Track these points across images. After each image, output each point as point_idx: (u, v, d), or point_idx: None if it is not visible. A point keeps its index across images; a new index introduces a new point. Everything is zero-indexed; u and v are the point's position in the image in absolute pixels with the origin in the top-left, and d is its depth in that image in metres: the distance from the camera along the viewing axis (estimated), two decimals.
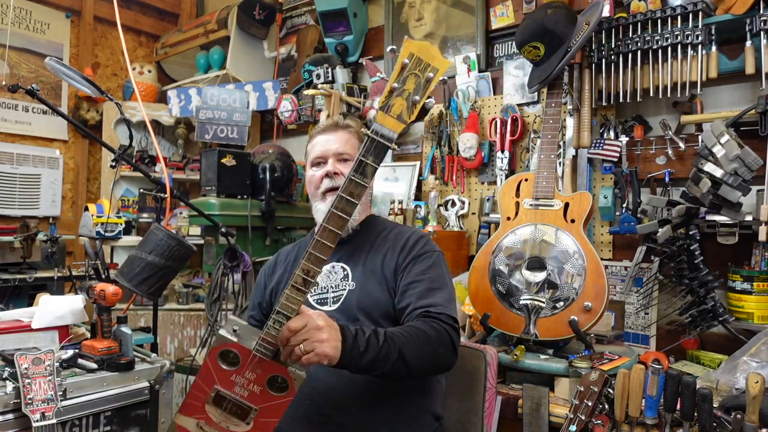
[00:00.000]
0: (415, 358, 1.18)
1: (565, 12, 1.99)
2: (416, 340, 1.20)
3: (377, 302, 1.36)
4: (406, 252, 1.42)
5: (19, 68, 3.48)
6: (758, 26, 1.72)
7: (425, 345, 1.21)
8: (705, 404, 1.27)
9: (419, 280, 1.35)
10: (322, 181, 1.47)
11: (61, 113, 1.85)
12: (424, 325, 1.24)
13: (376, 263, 1.41)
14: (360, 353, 1.11)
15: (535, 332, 1.70)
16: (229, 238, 2.07)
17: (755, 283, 1.72)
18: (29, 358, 1.28)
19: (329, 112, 2.65)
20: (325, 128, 1.55)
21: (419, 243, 1.44)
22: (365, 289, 1.39)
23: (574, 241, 1.76)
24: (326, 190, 1.47)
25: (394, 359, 1.15)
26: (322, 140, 1.52)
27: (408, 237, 1.46)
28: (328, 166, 1.47)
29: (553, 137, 1.94)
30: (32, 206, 3.41)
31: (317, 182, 1.49)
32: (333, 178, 1.46)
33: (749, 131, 1.74)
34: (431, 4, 2.78)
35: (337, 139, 1.50)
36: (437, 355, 1.24)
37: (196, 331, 3.05)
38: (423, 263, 1.39)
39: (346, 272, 1.43)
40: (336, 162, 1.48)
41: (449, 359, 1.28)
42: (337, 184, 1.45)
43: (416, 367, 1.19)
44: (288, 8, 3.48)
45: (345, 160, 1.49)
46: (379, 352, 1.13)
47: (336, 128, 1.53)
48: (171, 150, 3.84)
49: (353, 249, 1.46)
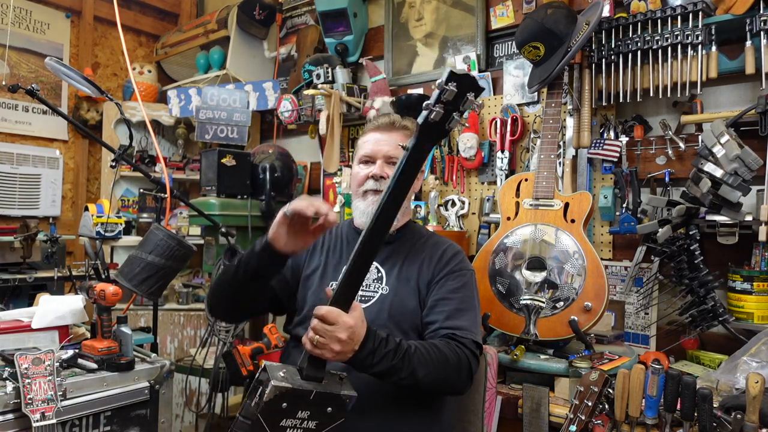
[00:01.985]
0: (427, 379, 1.20)
1: (565, 12, 1.99)
2: (434, 361, 1.21)
3: (409, 313, 1.36)
4: (442, 266, 1.41)
5: (19, 68, 3.47)
6: (758, 26, 1.72)
7: (442, 369, 1.22)
8: (705, 404, 1.27)
9: (450, 298, 1.35)
10: (366, 180, 1.45)
11: (61, 113, 1.85)
12: (447, 348, 1.25)
13: (412, 272, 1.40)
14: (370, 364, 1.14)
15: (535, 332, 1.70)
16: (229, 238, 2.07)
17: (755, 283, 1.72)
18: (29, 358, 1.28)
19: (329, 112, 2.65)
20: (380, 126, 1.50)
21: (455, 259, 1.43)
22: (398, 296, 1.37)
23: (574, 241, 1.76)
24: (369, 190, 1.44)
25: (403, 376, 1.17)
26: (373, 138, 1.48)
27: (445, 250, 1.45)
28: (375, 168, 1.44)
29: (553, 137, 1.94)
30: (32, 206, 3.40)
31: (361, 180, 1.46)
32: (379, 181, 1.43)
33: (749, 131, 1.74)
34: (431, 4, 2.78)
35: (390, 140, 1.46)
36: (451, 380, 1.26)
37: (196, 331, 3.05)
38: (456, 281, 1.39)
39: (380, 274, 1.41)
40: (384, 164, 1.44)
41: (463, 385, 1.29)
42: (381, 187, 1.41)
43: (426, 386, 1.22)
44: (288, 8, 3.48)
45: (394, 163, 1.43)
46: (392, 368, 1.15)
47: (391, 128, 1.48)
48: (171, 150, 3.83)
49: (391, 252, 1.44)
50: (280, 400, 1.01)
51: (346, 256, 1.36)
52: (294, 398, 1.03)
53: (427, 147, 1.03)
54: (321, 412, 1.05)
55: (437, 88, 0.97)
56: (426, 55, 2.80)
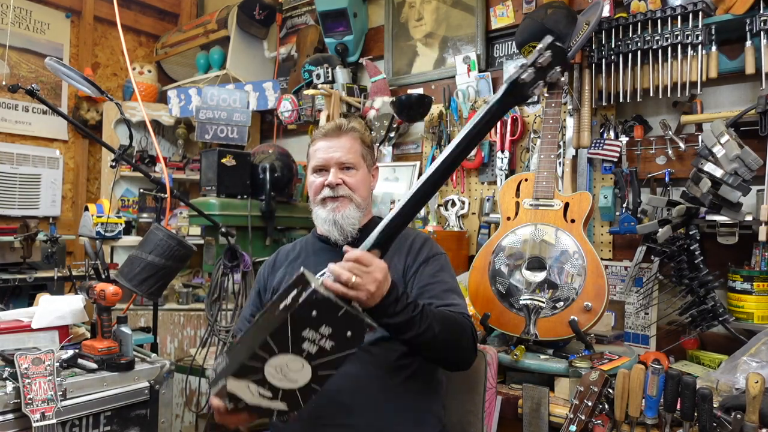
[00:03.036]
0: (442, 336, 1.23)
1: (565, 12, 1.99)
2: (448, 320, 1.26)
3: None
4: (414, 255, 1.43)
5: (19, 68, 3.47)
6: (758, 26, 1.72)
7: (454, 329, 1.29)
8: (705, 404, 1.27)
9: (432, 282, 1.38)
10: (323, 189, 1.46)
11: (61, 113, 1.85)
12: (453, 314, 1.30)
13: None
14: (393, 312, 1.16)
15: (535, 332, 1.70)
16: (229, 238, 2.07)
17: (755, 283, 1.72)
18: (29, 358, 1.28)
19: (329, 112, 2.65)
20: (327, 132, 1.50)
21: (426, 246, 1.46)
22: None
23: (574, 241, 1.76)
24: (327, 198, 1.45)
25: (420, 331, 1.19)
26: (323, 146, 1.48)
27: (413, 240, 1.47)
28: (330, 176, 1.45)
29: (553, 137, 1.94)
30: (32, 206, 3.40)
31: (317, 188, 1.48)
32: (335, 189, 1.44)
33: (749, 131, 1.74)
34: (431, 4, 2.78)
35: (339, 145, 1.47)
36: (462, 344, 1.31)
37: (196, 331, 3.05)
38: (432, 266, 1.42)
39: None
40: (338, 171, 1.45)
41: (471, 354, 1.34)
42: (338, 194, 1.44)
43: (439, 345, 1.24)
44: (288, 8, 3.48)
45: (348, 168, 1.47)
46: (411, 319, 1.18)
47: (339, 133, 1.48)
48: (171, 150, 3.83)
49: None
50: (313, 308, 1.01)
51: (312, 264, 1.40)
52: (325, 309, 1.02)
53: (509, 103, 1.08)
54: (341, 333, 1.04)
55: (536, 52, 1.02)
56: (426, 55, 2.80)
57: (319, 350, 1.02)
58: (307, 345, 1.02)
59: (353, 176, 1.47)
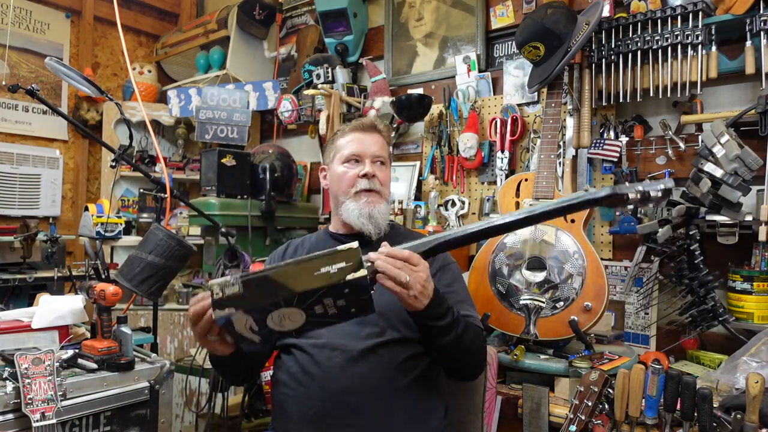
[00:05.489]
0: (468, 343, 1.27)
1: (565, 12, 1.99)
2: (472, 328, 1.30)
3: (397, 308, 1.35)
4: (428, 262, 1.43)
5: (19, 68, 3.48)
6: (758, 26, 1.72)
7: (476, 337, 1.32)
8: (705, 404, 1.27)
9: (447, 292, 1.37)
10: (358, 180, 1.45)
11: (61, 113, 1.84)
12: (474, 325, 1.33)
13: None
14: (438, 315, 1.19)
15: (535, 332, 1.70)
16: (229, 238, 2.06)
17: (755, 283, 1.72)
18: (29, 358, 1.28)
19: (329, 112, 2.65)
20: (363, 126, 1.51)
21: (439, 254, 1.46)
22: (384, 294, 1.38)
23: (574, 241, 1.76)
24: (362, 190, 1.44)
25: (457, 334, 1.23)
26: (359, 138, 1.49)
27: None
28: (366, 167, 1.45)
29: (553, 137, 1.94)
30: (32, 206, 3.40)
31: (351, 180, 1.46)
32: (371, 180, 1.44)
33: (749, 131, 1.74)
34: (431, 4, 2.78)
35: (374, 141, 1.49)
36: (479, 354, 1.35)
37: None
38: (447, 275, 1.45)
39: None
40: (372, 164, 1.46)
41: (483, 365, 1.38)
42: (374, 186, 1.44)
43: (463, 351, 1.28)
44: (288, 8, 3.48)
45: (381, 163, 1.48)
46: (452, 323, 1.21)
47: (374, 130, 1.51)
48: (171, 150, 3.83)
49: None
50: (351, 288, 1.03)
51: None
52: (357, 292, 1.04)
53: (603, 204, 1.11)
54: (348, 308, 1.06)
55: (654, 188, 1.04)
56: (426, 55, 2.80)
57: (323, 313, 1.05)
58: (319, 308, 1.04)
59: (383, 172, 1.49)
